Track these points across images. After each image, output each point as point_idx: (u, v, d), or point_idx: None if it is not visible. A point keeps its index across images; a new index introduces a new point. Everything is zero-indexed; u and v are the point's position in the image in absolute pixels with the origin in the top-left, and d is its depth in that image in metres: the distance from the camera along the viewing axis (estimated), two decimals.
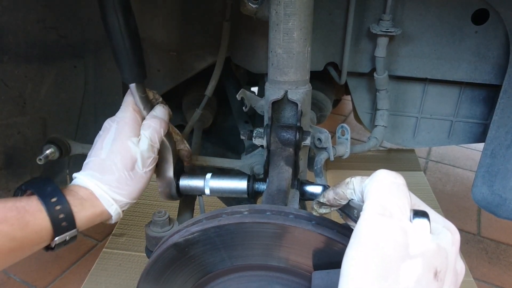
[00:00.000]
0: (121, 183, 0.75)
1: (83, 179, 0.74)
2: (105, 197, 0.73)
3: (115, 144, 0.77)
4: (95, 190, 0.73)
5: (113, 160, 0.75)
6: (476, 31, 1.04)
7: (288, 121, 0.92)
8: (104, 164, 0.76)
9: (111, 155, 0.76)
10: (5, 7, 0.92)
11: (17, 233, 0.61)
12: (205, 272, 0.64)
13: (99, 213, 0.73)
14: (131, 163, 0.77)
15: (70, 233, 0.68)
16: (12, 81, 0.99)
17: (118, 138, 0.78)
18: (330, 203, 0.59)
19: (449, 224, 0.50)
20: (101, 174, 0.74)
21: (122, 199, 0.75)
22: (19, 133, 1.04)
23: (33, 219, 0.64)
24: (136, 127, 0.80)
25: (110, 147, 0.77)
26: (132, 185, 0.76)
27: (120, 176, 0.75)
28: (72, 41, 1.06)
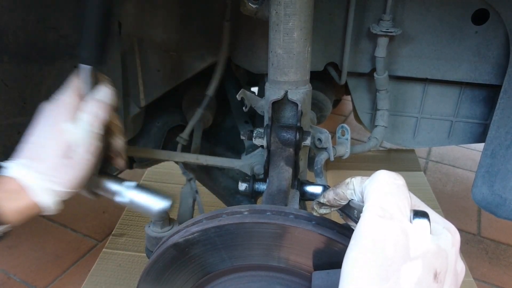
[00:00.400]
0: (56, 170, 0.68)
1: (11, 168, 0.67)
2: (34, 188, 0.66)
3: (48, 128, 0.70)
4: (23, 180, 0.66)
5: (45, 146, 0.69)
6: (476, 31, 1.04)
7: (288, 121, 0.92)
8: (35, 150, 0.69)
9: (44, 140, 0.69)
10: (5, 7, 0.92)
11: None
12: (205, 272, 0.64)
13: (31, 205, 0.66)
14: (66, 149, 0.69)
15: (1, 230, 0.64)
16: (12, 81, 0.99)
17: (52, 122, 0.70)
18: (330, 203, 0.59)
19: (449, 225, 0.50)
20: (32, 162, 0.68)
21: (58, 189, 0.68)
22: (19, 133, 1.04)
23: None
24: (75, 111, 0.72)
25: (43, 132, 0.70)
26: (69, 173, 0.69)
27: (54, 163, 0.68)
28: (72, 41, 1.06)
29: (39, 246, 1.67)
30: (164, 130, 1.44)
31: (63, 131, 0.70)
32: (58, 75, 1.07)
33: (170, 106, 1.45)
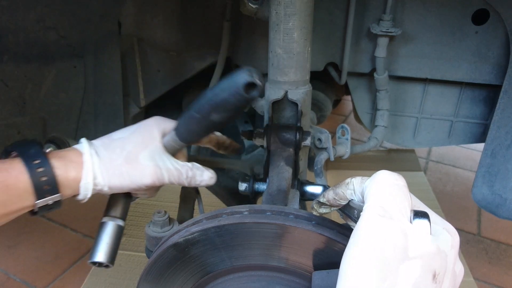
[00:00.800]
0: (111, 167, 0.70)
1: (84, 143, 0.71)
2: (89, 167, 0.68)
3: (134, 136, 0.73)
4: (86, 157, 0.68)
5: (122, 147, 0.71)
6: (477, 31, 1.04)
7: (288, 121, 0.92)
8: (112, 143, 0.72)
9: (125, 140, 0.72)
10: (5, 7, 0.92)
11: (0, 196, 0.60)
12: (205, 272, 0.64)
13: (78, 179, 0.68)
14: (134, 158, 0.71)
15: (53, 197, 0.65)
16: (12, 81, 0.99)
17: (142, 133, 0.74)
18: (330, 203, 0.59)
19: (448, 226, 0.50)
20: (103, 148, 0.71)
21: (100, 181, 0.69)
22: (19, 133, 1.04)
23: (15, 181, 0.62)
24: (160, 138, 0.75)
25: (128, 135, 0.73)
26: (116, 174, 0.70)
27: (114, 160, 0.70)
28: (72, 41, 1.06)
29: (39, 246, 1.67)
30: None
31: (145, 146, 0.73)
32: (58, 75, 1.07)
33: (170, 106, 1.45)
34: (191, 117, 0.71)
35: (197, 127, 0.72)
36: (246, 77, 0.60)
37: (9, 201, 0.62)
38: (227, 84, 0.64)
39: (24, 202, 0.64)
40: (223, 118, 0.69)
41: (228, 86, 0.64)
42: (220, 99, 0.65)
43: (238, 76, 0.61)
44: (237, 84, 0.61)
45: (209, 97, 0.67)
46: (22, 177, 0.62)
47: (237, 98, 0.63)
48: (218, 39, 1.16)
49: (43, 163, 0.64)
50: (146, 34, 1.18)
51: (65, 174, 0.66)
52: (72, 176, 0.67)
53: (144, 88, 1.25)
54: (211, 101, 0.67)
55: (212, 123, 0.69)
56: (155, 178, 0.72)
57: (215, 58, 1.19)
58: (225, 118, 0.69)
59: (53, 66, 1.05)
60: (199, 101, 0.69)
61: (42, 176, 0.63)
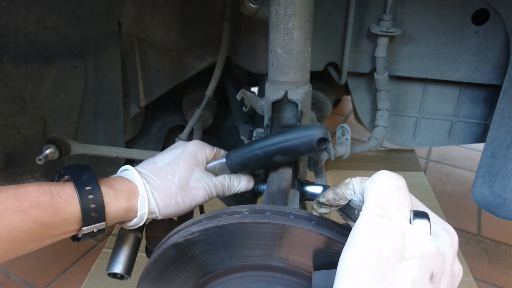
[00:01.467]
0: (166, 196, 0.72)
1: (133, 173, 0.72)
2: (144, 197, 0.70)
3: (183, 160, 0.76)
4: (140, 186, 0.70)
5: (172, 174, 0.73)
6: (476, 31, 1.04)
7: (288, 121, 0.92)
8: (161, 171, 0.73)
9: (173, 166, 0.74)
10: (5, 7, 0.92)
11: (47, 218, 0.60)
12: (205, 272, 0.64)
13: (129, 208, 0.69)
14: (186, 184, 0.74)
15: (98, 225, 0.66)
16: (12, 81, 0.99)
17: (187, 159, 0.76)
18: (330, 203, 0.59)
19: (447, 227, 0.50)
20: (154, 176, 0.72)
21: (155, 210, 0.72)
22: (19, 133, 1.04)
23: (64, 205, 0.62)
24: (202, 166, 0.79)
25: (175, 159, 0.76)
26: (172, 204, 0.73)
27: (169, 188, 0.72)
28: (72, 41, 1.06)
29: None
30: (164, 130, 1.44)
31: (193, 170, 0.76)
32: (58, 75, 1.07)
33: (170, 106, 1.45)
34: (252, 153, 0.76)
35: (254, 164, 0.77)
36: (321, 133, 0.71)
37: (56, 224, 0.62)
38: (300, 134, 0.72)
39: (69, 227, 0.64)
40: (284, 161, 0.76)
41: (301, 136, 0.72)
42: (291, 145, 0.73)
43: (314, 131, 0.71)
44: (312, 137, 0.71)
45: (278, 141, 0.74)
46: (72, 202, 0.63)
47: (308, 148, 0.72)
48: (218, 39, 1.16)
49: (94, 190, 0.65)
50: (146, 34, 1.18)
51: (116, 204, 0.67)
52: (122, 206, 0.68)
53: (144, 88, 1.25)
54: (280, 145, 0.73)
55: (271, 163, 0.76)
56: (206, 196, 0.78)
57: (215, 58, 1.19)
58: (286, 161, 0.77)
59: (53, 66, 1.05)
60: (266, 142, 0.75)
61: (91, 203, 0.64)
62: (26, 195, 0.60)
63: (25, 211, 0.58)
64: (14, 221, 0.58)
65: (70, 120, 1.13)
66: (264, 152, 0.74)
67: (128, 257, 0.79)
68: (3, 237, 0.57)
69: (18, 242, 0.59)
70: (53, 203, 0.61)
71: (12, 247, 0.59)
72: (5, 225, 0.57)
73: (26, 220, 0.58)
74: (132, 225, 0.73)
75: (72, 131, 1.15)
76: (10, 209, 0.58)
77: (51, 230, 0.62)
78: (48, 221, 0.60)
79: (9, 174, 1.05)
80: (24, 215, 0.58)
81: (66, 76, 1.08)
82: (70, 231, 0.65)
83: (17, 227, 0.58)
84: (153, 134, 1.44)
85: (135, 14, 1.14)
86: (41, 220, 0.60)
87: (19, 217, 0.58)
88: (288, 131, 0.74)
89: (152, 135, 1.44)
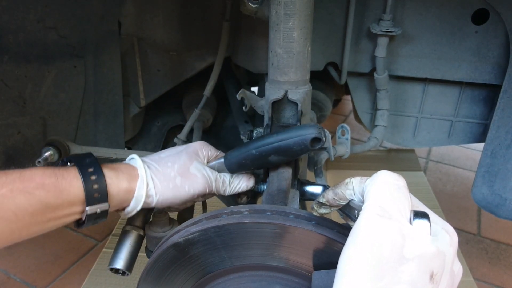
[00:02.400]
0: (165, 179, 0.73)
1: (136, 159, 0.74)
2: (143, 178, 0.71)
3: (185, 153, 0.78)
4: (141, 170, 0.72)
5: (172, 163, 0.75)
6: (476, 31, 1.04)
7: (288, 121, 0.92)
8: (162, 160, 0.76)
9: (175, 157, 0.77)
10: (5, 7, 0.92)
11: (52, 199, 0.62)
12: (205, 272, 0.64)
13: (129, 189, 0.71)
14: (185, 170, 0.75)
15: (101, 205, 0.67)
16: (12, 81, 0.99)
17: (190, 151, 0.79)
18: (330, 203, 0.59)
19: (447, 226, 0.50)
20: (155, 163, 0.75)
21: (153, 193, 0.72)
22: (19, 133, 1.04)
23: (68, 186, 0.64)
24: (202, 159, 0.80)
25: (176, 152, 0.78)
26: (170, 188, 0.74)
27: (167, 173, 0.74)
28: (72, 41, 1.06)
29: (39, 246, 1.67)
30: (164, 130, 1.44)
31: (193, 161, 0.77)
32: (58, 75, 1.07)
33: (170, 106, 1.45)
34: (248, 153, 0.76)
35: (250, 163, 0.77)
36: (314, 132, 0.70)
37: (60, 205, 0.63)
38: (295, 133, 0.72)
39: (73, 208, 0.66)
40: (280, 160, 0.76)
41: (295, 135, 0.72)
42: (284, 145, 0.73)
43: (308, 130, 0.71)
44: (305, 137, 0.71)
45: (273, 140, 0.74)
46: (76, 183, 0.65)
47: (301, 147, 0.72)
48: (218, 39, 1.16)
49: (96, 171, 0.67)
50: (146, 34, 1.18)
51: (117, 184, 0.69)
52: (123, 187, 0.70)
53: (144, 88, 1.25)
54: (274, 144, 0.74)
55: (267, 162, 0.76)
56: (206, 186, 0.77)
57: (215, 58, 1.19)
58: (281, 161, 0.76)
59: (53, 66, 1.05)
60: (261, 142, 0.75)
61: (94, 183, 0.66)
62: (31, 177, 0.61)
63: (30, 192, 0.60)
64: (20, 202, 0.59)
65: (70, 120, 1.13)
66: (260, 151, 0.75)
67: (130, 254, 0.80)
68: (9, 218, 0.58)
69: (23, 223, 0.60)
70: (57, 184, 0.63)
71: (18, 228, 0.60)
72: (11, 206, 0.59)
73: (31, 201, 0.60)
74: (130, 210, 0.73)
75: (72, 131, 1.15)
76: (15, 190, 0.59)
77: (55, 211, 0.63)
78: (53, 202, 0.62)
79: None
80: (29, 196, 0.60)
81: (66, 76, 1.08)
82: (74, 213, 0.67)
83: (23, 208, 0.59)
84: (153, 134, 1.44)
85: (135, 14, 1.14)
86: (45, 201, 0.61)
87: (25, 198, 0.60)
88: (283, 130, 0.75)
89: (152, 135, 1.44)
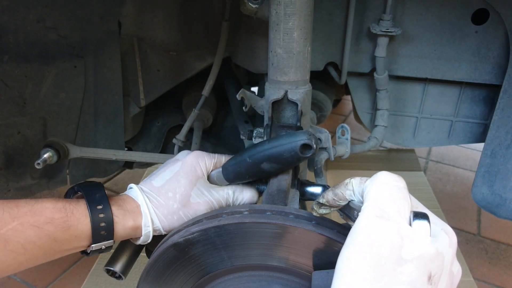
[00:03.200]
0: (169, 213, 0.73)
1: (136, 192, 0.73)
2: (147, 216, 0.71)
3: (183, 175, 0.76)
4: (142, 206, 0.72)
5: (172, 192, 0.74)
6: (476, 31, 1.04)
7: (288, 121, 0.92)
8: (162, 188, 0.75)
9: (173, 186, 0.75)
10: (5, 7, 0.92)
11: (60, 234, 0.63)
12: (205, 272, 0.64)
13: (135, 227, 0.71)
14: (187, 200, 0.75)
15: (106, 242, 0.69)
16: (12, 81, 0.99)
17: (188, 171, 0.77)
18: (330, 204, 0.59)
19: (447, 227, 0.50)
20: (156, 194, 0.74)
21: (158, 227, 0.72)
22: (19, 133, 1.04)
23: (76, 222, 0.65)
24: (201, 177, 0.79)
25: (174, 174, 0.76)
26: (175, 220, 0.74)
27: (170, 206, 0.73)
28: (72, 41, 1.06)
29: None
30: (164, 130, 1.44)
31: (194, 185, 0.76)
32: (58, 75, 1.07)
33: (170, 106, 1.45)
34: (242, 161, 0.76)
35: (245, 172, 0.77)
36: (304, 139, 0.69)
37: (67, 240, 0.65)
38: (286, 140, 0.72)
39: (80, 243, 0.67)
40: (273, 169, 0.75)
41: (286, 142, 0.72)
42: (276, 152, 0.72)
43: (298, 137, 0.70)
44: (295, 143, 0.70)
45: (265, 148, 0.74)
46: (84, 220, 0.66)
47: (292, 154, 0.71)
48: (218, 39, 1.16)
49: (105, 209, 0.68)
50: (146, 34, 1.18)
51: (123, 224, 0.70)
52: (129, 225, 0.70)
53: (144, 88, 1.25)
54: (266, 151, 0.74)
55: (260, 171, 0.76)
56: (208, 208, 0.77)
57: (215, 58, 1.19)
58: (274, 169, 0.75)
59: (53, 66, 1.05)
60: (255, 149, 0.75)
61: (101, 221, 0.67)
62: (42, 211, 0.63)
63: (39, 227, 0.61)
64: (29, 236, 0.60)
65: (70, 120, 1.13)
66: (253, 159, 0.75)
67: (128, 259, 0.80)
68: (18, 251, 0.60)
69: (31, 256, 0.61)
70: (66, 220, 0.64)
71: (26, 260, 0.61)
72: (20, 239, 0.60)
73: (40, 235, 0.61)
74: (140, 243, 0.74)
75: (72, 131, 1.15)
76: (26, 224, 0.61)
77: (62, 245, 0.64)
78: (60, 237, 0.63)
79: (9, 174, 1.05)
80: (38, 230, 0.61)
81: (66, 76, 1.08)
82: (80, 247, 0.68)
83: (32, 241, 0.61)
84: (153, 134, 1.44)
85: (135, 14, 1.14)
86: (54, 236, 0.63)
87: (34, 232, 0.61)
88: (276, 137, 0.74)
89: (152, 135, 1.44)
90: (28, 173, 1.09)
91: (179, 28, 1.19)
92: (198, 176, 0.77)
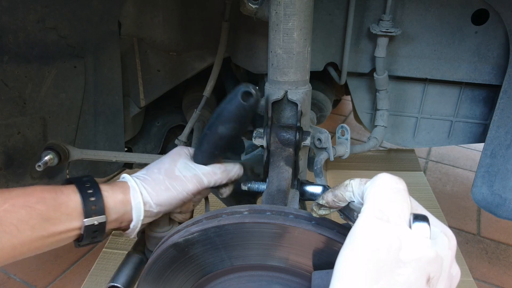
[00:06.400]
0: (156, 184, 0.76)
1: (125, 176, 0.77)
2: (136, 188, 0.74)
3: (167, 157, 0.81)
4: (129, 180, 0.76)
5: (158, 170, 0.78)
6: (476, 31, 1.04)
7: (288, 121, 0.92)
8: (148, 169, 0.79)
9: (158, 164, 0.80)
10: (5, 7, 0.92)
11: (51, 213, 0.65)
12: (205, 272, 0.64)
13: (125, 201, 0.73)
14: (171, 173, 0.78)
15: (99, 218, 0.70)
16: (12, 81, 0.99)
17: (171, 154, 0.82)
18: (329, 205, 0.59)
19: (446, 229, 0.50)
20: (142, 174, 0.78)
21: (148, 199, 0.75)
22: (19, 133, 1.04)
23: (66, 200, 0.67)
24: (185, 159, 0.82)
25: (160, 159, 0.81)
26: (163, 189, 0.76)
27: (156, 178, 0.77)
28: (72, 41, 1.06)
29: None
30: (164, 130, 1.44)
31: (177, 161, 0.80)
32: (58, 75, 1.07)
33: (170, 106, 1.45)
34: (203, 137, 0.79)
35: (209, 145, 0.79)
36: (243, 88, 0.73)
37: (59, 219, 0.66)
38: (228, 97, 0.75)
39: (72, 222, 0.68)
40: (229, 129, 0.77)
41: (229, 98, 0.75)
42: (223, 110, 0.75)
43: (237, 88, 0.73)
44: (235, 94, 0.73)
45: (215, 112, 0.76)
46: (74, 197, 0.68)
47: (236, 105, 0.74)
48: (218, 39, 1.16)
49: (93, 186, 0.71)
50: (146, 34, 1.18)
51: (112, 196, 0.72)
52: (119, 199, 0.73)
53: (144, 88, 1.25)
54: (216, 114, 0.76)
55: (219, 137, 0.77)
56: (196, 182, 0.79)
57: (215, 58, 1.19)
58: (230, 130, 0.77)
59: (53, 66, 1.05)
60: (209, 120, 0.78)
61: (91, 196, 0.69)
62: (32, 192, 0.65)
63: (31, 206, 0.63)
64: (21, 216, 0.62)
65: (70, 120, 1.13)
66: (210, 129, 0.77)
67: (131, 275, 0.84)
68: (11, 232, 0.61)
69: (24, 238, 0.62)
70: (56, 198, 0.66)
71: (19, 243, 0.62)
72: (13, 220, 0.61)
73: (32, 214, 0.63)
74: (135, 223, 0.75)
75: (72, 131, 1.15)
76: (17, 205, 0.62)
77: (55, 225, 0.65)
78: (52, 215, 0.65)
79: (9, 174, 1.05)
80: (30, 209, 0.63)
81: (66, 76, 1.08)
82: (73, 229, 0.68)
83: (24, 221, 0.62)
84: (153, 134, 1.44)
85: (135, 14, 1.14)
86: (45, 215, 0.64)
87: (26, 211, 0.63)
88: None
89: (152, 135, 1.44)
90: (28, 173, 1.09)
91: (179, 28, 1.19)
92: (181, 155, 0.81)
